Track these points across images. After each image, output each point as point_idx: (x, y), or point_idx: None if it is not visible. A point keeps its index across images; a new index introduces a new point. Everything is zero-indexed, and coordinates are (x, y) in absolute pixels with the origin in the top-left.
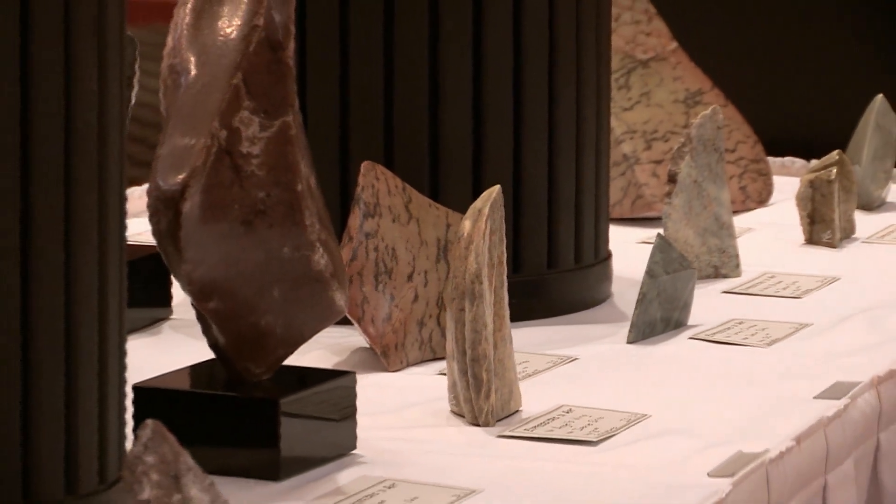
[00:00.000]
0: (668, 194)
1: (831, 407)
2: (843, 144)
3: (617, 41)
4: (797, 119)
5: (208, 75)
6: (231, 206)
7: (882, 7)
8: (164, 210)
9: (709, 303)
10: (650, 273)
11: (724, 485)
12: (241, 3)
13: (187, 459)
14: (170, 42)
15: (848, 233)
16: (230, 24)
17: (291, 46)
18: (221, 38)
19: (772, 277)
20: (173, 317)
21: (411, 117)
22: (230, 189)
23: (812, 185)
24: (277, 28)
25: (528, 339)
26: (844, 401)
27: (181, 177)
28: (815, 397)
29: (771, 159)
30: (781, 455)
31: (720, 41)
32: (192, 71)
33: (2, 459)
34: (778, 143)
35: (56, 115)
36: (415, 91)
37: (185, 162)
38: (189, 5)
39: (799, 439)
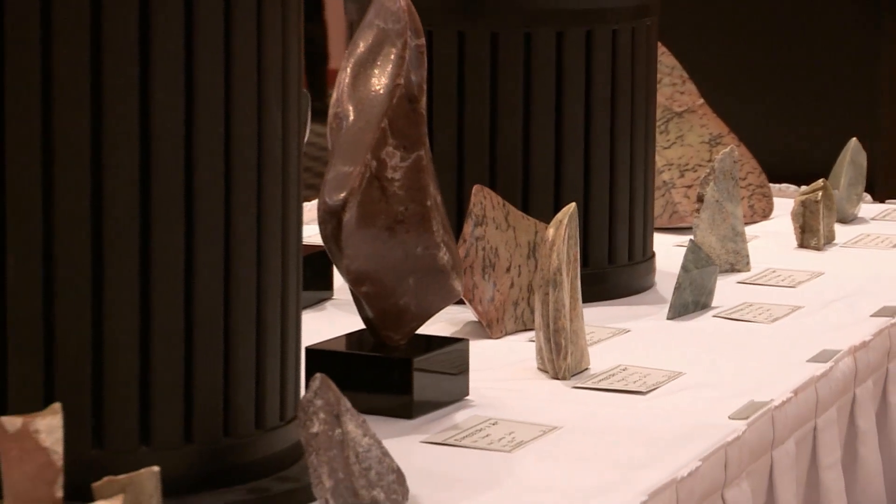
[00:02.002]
0: (697, 210)
1: (820, 368)
2: (825, 174)
3: (659, 98)
4: (792, 155)
5: (363, 121)
6: (378, 217)
7: (853, 74)
8: (330, 219)
9: (727, 290)
10: (684, 268)
11: (741, 425)
12: (387, 68)
13: (345, 402)
14: (334, 96)
15: (829, 239)
16: (379, 83)
17: (423, 100)
18: (372, 94)
19: (773, 272)
20: (334, 297)
21: (509, 153)
22: (378, 204)
23: (803, 204)
24: (414, 86)
25: (594, 315)
26: (830, 364)
27: (342, 195)
28: (807, 361)
29: (772, 185)
30: (783, 404)
31: (736, 98)
32: (351, 117)
33: (208, 404)
34: (777, 173)
35: (250, 148)
36: (512, 135)
37: (345, 184)
38: (348, 69)
39: (796, 392)
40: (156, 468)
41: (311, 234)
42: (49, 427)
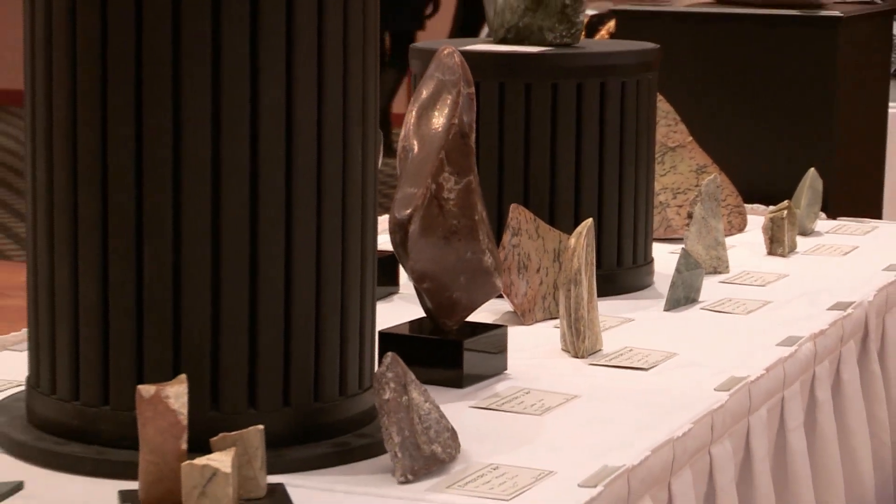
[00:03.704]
0: (687, 225)
1: (786, 351)
2: (789, 196)
3: (657, 136)
4: (762, 182)
5: (425, 152)
6: (437, 228)
7: (812, 118)
8: (398, 230)
9: (711, 288)
10: (677, 270)
11: (724, 396)
12: (444, 111)
13: (411, 375)
14: (402, 133)
15: (792, 248)
16: (438, 123)
17: (473, 136)
18: (433, 131)
19: (748, 274)
20: (400, 292)
21: (539, 179)
22: (436, 218)
23: (771, 220)
24: (465, 125)
25: (606, 307)
26: (794, 347)
27: (408, 211)
28: (776, 345)
29: (746, 205)
30: (757, 379)
31: (717, 136)
32: (415, 150)
33: (302, 375)
34: (750, 195)
35: (337, 175)
36: (541, 164)
37: (410, 202)
38: (413, 112)
39: (767, 369)
40: (260, 426)
41: (383, 241)
42: (176, 393)
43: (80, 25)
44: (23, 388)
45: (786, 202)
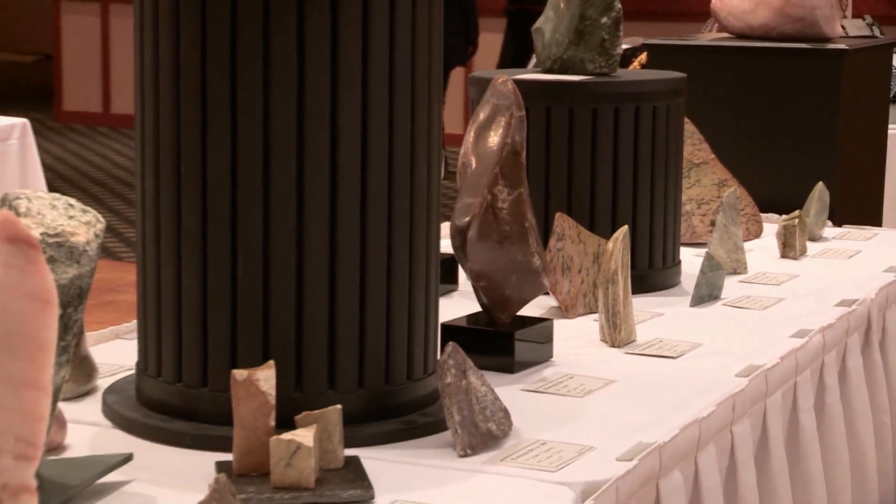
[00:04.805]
0: (710, 231)
1: (798, 342)
2: (800, 206)
3: (684, 153)
4: (776, 194)
5: (481, 167)
6: (492, 234)
7: (818, 138)
8: (458, 235)
9: (731, 287)
10: (701, 271)
11: (744, 381)
12: (499, 131)
13: (469, 362)
14: (462, 150)
15: (803, 252)
16: (493, 142)
17: (523, 154)
18: (489, 149)
19: (764, 274)
20: (459, 289)
21: (581, 191)
22: (491, 225)
23: (784, 227)
24: (517, 144)
25: (639, 303)
26: (805, 339)
27: (467, 219)
28: (789, 337)
29: (762, 214)
30: (773, 366)
31: (737, 154)
32: (473, 165)
33: (375, 361)
34: (766, 205)
35: (405, 187)
36: (583, 178)
37: (469, 211)
38: (472, 132)
39: (782, 358)
40: (338, 406)
41: (445, 245)
42: (266, 377)
43: (183, 61)
44: (133, 371)
45: (797, 212)
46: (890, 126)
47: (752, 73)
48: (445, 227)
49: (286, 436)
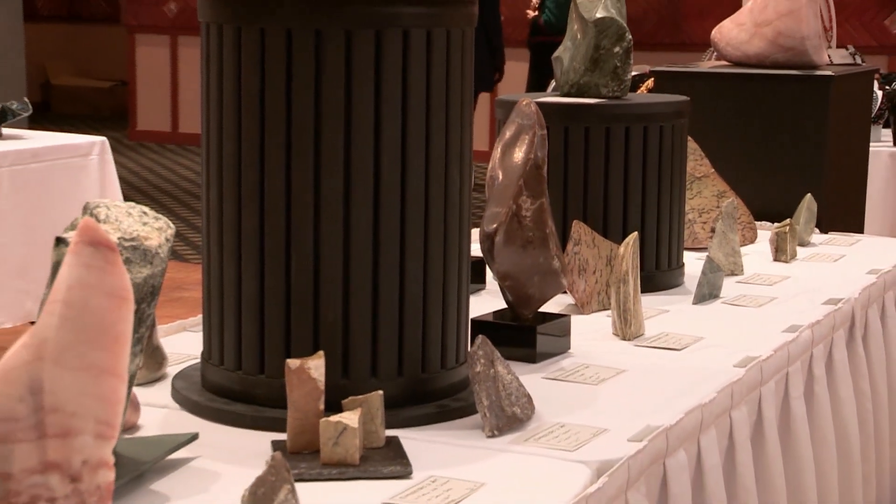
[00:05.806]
0: (710, 237)
1: (790, 336)
2: (790, 215)
3: (687, 168)
4: (769, 204)
5: (507, 180)
6: (516, 239)
7: (808, 154)
8: (486, 241)
9: (729, 287)
10: (703, 272)
11: (741, 371)
12: (523, 147)
13: (497, 353)
14: (490, 165)
15: (793, 256)
16: (518, 157)
17: (545, 168)
18: (514, 163)
19: (758, 276)
20: (487, 288)
21: (595, 201)
22: (516, 231)
23: (777, 234)
24: (539, 159)
25: (647, 301)
26: (796, 334)
27: (494, 226)
28: (782, 331)
29: (756, 222)
30: (767, 358)
31: (734, 168)
32: (500, 178)
33: (412, 352)
34: (760, 214)
35: (440, 197)
36: (597, 189)
37: (496, 219)
38: (499, 148)
39: (775, 350)
40: (380, 392)
41: (475, 249)
42: (316, 365)
43: (244, 86)
44: (198, 360)
45: (788, 220)
46: (871, 144)
47: (749, 97)
48: (475, 233)
49: (334, 418)
